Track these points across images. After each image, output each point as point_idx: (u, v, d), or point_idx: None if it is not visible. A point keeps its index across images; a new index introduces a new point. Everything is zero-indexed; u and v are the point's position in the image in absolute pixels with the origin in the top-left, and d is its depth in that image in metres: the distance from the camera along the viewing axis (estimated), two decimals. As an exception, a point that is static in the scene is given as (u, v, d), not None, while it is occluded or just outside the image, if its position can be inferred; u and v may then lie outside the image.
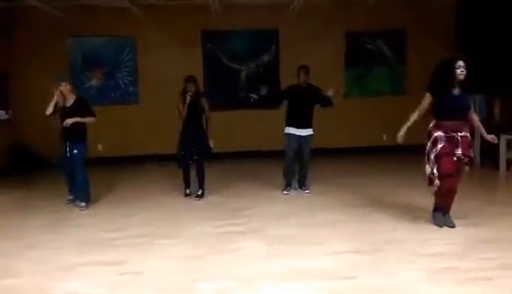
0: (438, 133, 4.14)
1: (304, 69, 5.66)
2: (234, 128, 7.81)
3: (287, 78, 8.45)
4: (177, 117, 5.63)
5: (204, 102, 5.66)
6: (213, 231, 4.48)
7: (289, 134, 5.68)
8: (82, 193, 5.41)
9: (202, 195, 5.72)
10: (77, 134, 5.29)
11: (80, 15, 7.90)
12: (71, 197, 5.53)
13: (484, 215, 4.73)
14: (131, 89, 8.55)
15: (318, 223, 4.63)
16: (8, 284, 3.39)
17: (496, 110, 7.56)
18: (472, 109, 4.32)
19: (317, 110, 5.87)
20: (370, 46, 8.79)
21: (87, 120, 5.36)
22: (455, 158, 4.11)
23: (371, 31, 8.68)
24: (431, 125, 4.25)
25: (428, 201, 4.68)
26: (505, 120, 7.23)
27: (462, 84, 4.11)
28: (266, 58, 8.66)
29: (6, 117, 7.91)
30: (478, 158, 7.66)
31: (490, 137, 4.34)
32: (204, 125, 5.67)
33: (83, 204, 5.34)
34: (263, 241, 4.15)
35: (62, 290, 3.28)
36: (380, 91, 8.87)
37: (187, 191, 5.83)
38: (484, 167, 7.40)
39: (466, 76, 4.05)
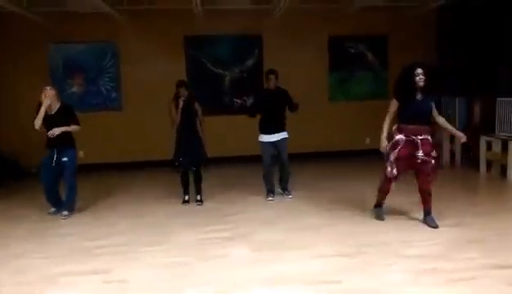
0: (400, 136, 4.38)
1: (273, 73, 5.65)
2: (219, 133, 7.78)
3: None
4: (161, 122, 5.63)
5: (197, 106, 5.63)
6: (198, 237, 4.46)
7: (263, 142, 5.68)
8: (68, 202, 5.31)
9: (201, 201, 5.71)
10: (66, 141, 5.19)
11: (61, 20, 7.80)
12: (53, 209, 5.37)
13: (467, 215, 4.82)
14: (113, 95, 8.46)
15: (303, 227, 4.65)
16: (-11, 296, 3.32)
17: (476, 112, 7.72)
18: (436, 111, 4.49)
19: (301, 114, 5.90)
20: (353, 51, 8.90)
21: (73, 128, 5.25)
22: (418, 160, 4.33)
23: (355, 36, 8.79)
24: (394, 128, 4.49)
25: (411, 202, 4.75)
26: (485, 122, 7.39)
27: (424, 90, 4.30)
28: (250, 63, 8.69)
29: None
30: (458, 160, 7.82)
31: (459, 135, 4.58)
32: (199, 129, 5.64)
33: (66, 213, 5.25)
34: (250, 246, 4.14)
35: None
36: (363, 95, 8.98)
37: (186, 197, 5.77)
38: (465, 168, 7.54)
39: (427, 82, 4.25)
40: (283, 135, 5.68)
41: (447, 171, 7.51)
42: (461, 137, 4.57)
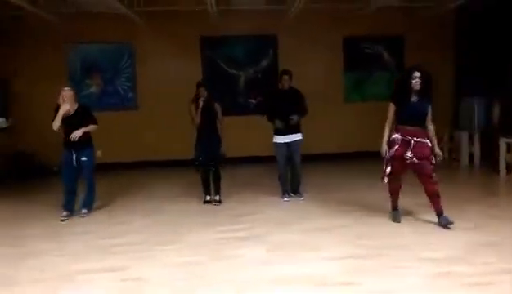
0: (396, 135, 4.51)
1: (287, 73, 5.64)
2: (233, 134, 7.79)
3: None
4: (176, 122, 5.67)
5: (218, 107, 5.63)
6: (213, 237, 4.48)
7: (277, 143, 5.66)
8: (88, 201, 5.41)
9: (220, 201, 5.72)
10: (84, 141, 5.25)
11: (79, 22, 7.93)
12: (66, 213, 5.25)
13: (485, 218, 4.74)
14: (130, 95, 8.57)
15: (318, 228, 4.63)
16: (8, 292, 3.39)
17: (495, 113, 7.59)
18: (430, 116, 4.54)
19: (315, 115, 5.87)
20: (369, 51, 8.82)
21: (91, 128, 5.32)
22: (408, 160, 4.43)
23: (370, 36, 8.72)
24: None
25: (425, 204, 4.69)
26: (504, 123, 7.25)
27: (420, 93, 4.44)
28: (264, 63, 8.69)
29: (6, 124, 7.91)
30: (477, 162, 7.69)
31: (437, 151, 4.60)
32: (219, 129, 5.66)
33: (85, 211, 5.34)
34: (265, 247, 4.14)
35: (63, 298, 3.28)
36: (379, 96, 8.87)
37: (207, 198, 5.77)
38: (483, 170, 7.41)
39: (422, 86, 4.39)
40: (297, 136, 5.66)
41: (466, 174, 7.40)
42: (438, 155, 4.61)
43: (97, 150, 8.03)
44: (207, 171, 5.72)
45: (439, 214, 4.49)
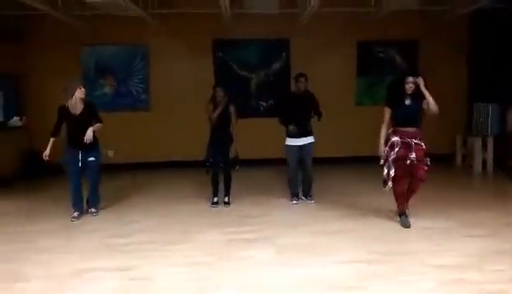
0: (395, 138, 4.62)
1: (303, 76, 5.62)
2: (244, 136, 7.80)
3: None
4: (188, 123, 5.68)
5: (232, 109, 5.63)
6: (222, 238, 4.48)
7: (289, 145, 5.63)
8: (95, 200, 5.43)
9: (229, 203, 5.70)
10: (91, 142, 5.15)
11: (94, 23, 8.01)
12: (77, 213, 5.22)
13: (498, 226, 4.65)
14: (142, 96, 8.63)
15: (328, 232, 4.59)
16: (19, 288, 3.43)
17: (510, 119, 7.46)
18: (427, 105, 4.60)
19: (327, 118, 5.83)
20: (382, 55, 8.76)
21: (98, 127, 5.24)
22: (408, 162, 4.53)
23: (384, 40, 8.65)
24: (390, 131, 4.75)
25: (436, 210, 4.62)
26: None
27: (413, 95, 4.63)
28: (277, 66, 8.69)
29: (21, 123, 8.03)
30: (490, 168, 7.57)
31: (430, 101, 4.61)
32: (232, 131, 5.66)
33: (95, 210, 5.39)
34: (274, 249, 4.13)
35: (72, 295, 3.31)
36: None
37: (215, 199, 5.72)
38: (497, 176, 7.29)
39: (415, 90, 4.59)
40: (309, 139, 5.63)
41: (479, 180, 7.29)
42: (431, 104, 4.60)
43: (110, 150, 8.17)
44: (217, 173, 5.73)
45: (401, 214, 4.74)
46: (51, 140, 5.16)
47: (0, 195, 6.56)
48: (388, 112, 4.79)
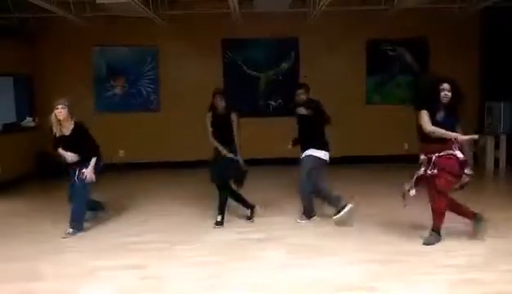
0: (422, 157, 4.16)
1: (299, 88, 5.13)
2: (253, 135, 7.83)
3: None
4: (197, 124, 5.61)
5: (234, 117, 5.02)
6: (233, 238, 4.51)
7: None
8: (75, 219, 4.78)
9: (221, 222, 4.91)
10: (85, 160, 4.70)
11: (105, 25, 8.10)
12: (71, 230, 4.70)
13: (510, 227, 4.60)
14: (152, 97, 8.70)
15: (338, 233, 4.60)
16: (33, 287, 3.49)
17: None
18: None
19: (337, 117, 5.75)
20: (392, 54, 8.71)
21: (91, 162, 4.66)
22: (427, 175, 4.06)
23: (394, 38, 8.61)
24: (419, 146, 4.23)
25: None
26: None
27: (448, 108, 4.00)
28: (286, 66, 8.70)
29: (33, 124, 8.14)
30: (503, 167, 7.49)
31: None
32: (235, 143, 5.03)
33: (71, 231, 4.72)
34: (283, 249, 4.14)
35: (88, 293, 3.36)
36: (403, 99, 8.76)
37: (218, 218, 4.95)
38: (510, 175, 7.21)
39: (452, 100, 3.97)
40: (306, 153, 5.04)
41: (491, 179, 7.22)
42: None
43: (119, 150, 8.25)
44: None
45: (434, 229, 4.15)
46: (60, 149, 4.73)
47: (12, 195, 6.67)
48: (427, 115, 4.01)
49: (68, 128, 4.66)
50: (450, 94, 3.96)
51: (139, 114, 8.60)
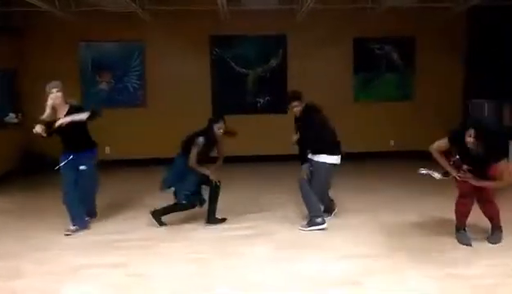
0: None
1: (296, 99, 4.74)
2: (241, 132, 7.82)
3: (294, 83, 8.51)
4: (184, 120, 5.57)
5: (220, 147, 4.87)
6: (220, 234, 4.49)
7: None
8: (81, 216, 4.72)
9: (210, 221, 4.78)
10: (81, 142, 4.58)
11: (91, 20, 7.99)
12: (74, 227, 4.59)
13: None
14: (139, 93, 8.62)
15: (327, 227, 4.61)
16: (16, 285, 3.43)
17: (506, 116, 7.50)
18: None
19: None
20: (379, 52, 8.77)
21: (83, 116, 4.38)
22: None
23: (381, 37, 8.66)
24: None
25: (437, 206, 4.65)
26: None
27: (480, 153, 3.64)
28: (274, 63, 8.70)
29: (17, 120, 7.99)
30: None
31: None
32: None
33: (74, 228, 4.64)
34: (271, 245, 4.14)
35: (71, 291, 3.31)
36: (389, 97, 8.84)
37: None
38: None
39: (482, 148, 3.56)
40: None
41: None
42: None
43: (106, 146, 8.15)
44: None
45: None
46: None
47: (-4, 192, 6.55)
48: (445, 144, 3.91)
49: (63, 112, 4.48)
50: (474, 141, 3.57)
51: (125, 110, 8.51)
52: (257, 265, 3.69)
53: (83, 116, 4.41)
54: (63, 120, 4.35)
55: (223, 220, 4.91)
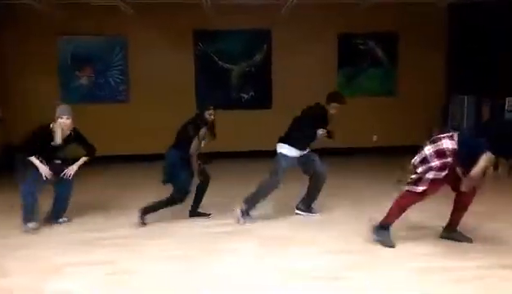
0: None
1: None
2: (225, 128, 7.78)
3: (278, 78, 8.51)
4: (167, 115, 5.51)
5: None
6: (203, 231, 4.47)
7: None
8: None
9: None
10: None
11: (71, 13, 7.83)
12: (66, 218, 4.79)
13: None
14: (121, 88, 8.49)
15: (310, 223, 4.64)
16: (1, 283, 3.36)
17: (485, 112, 7.63)
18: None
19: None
20: (362, 47, 8.83)
21: (85, 159, 4.77)
22: None
23: (364, 32, 8.72)
24: None
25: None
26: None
27: None
28: (258, 58, 8.67)
29: (-4, 115, 7.82)
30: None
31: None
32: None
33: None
34: (255, 241, 4.14)
35: (53, 290, 3.26)
36: (372, 92, 8.91)
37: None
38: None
39: None
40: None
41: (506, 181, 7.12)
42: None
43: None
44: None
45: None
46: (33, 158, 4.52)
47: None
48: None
49: (63, 137, 4.58)
50: None
51: (108, 106, 8.38)
52: (241, 262, 3.69)
53: (86, 159, 4.79)
54: (71, 170, 4.64)
55: (207, 215, 4.92)
